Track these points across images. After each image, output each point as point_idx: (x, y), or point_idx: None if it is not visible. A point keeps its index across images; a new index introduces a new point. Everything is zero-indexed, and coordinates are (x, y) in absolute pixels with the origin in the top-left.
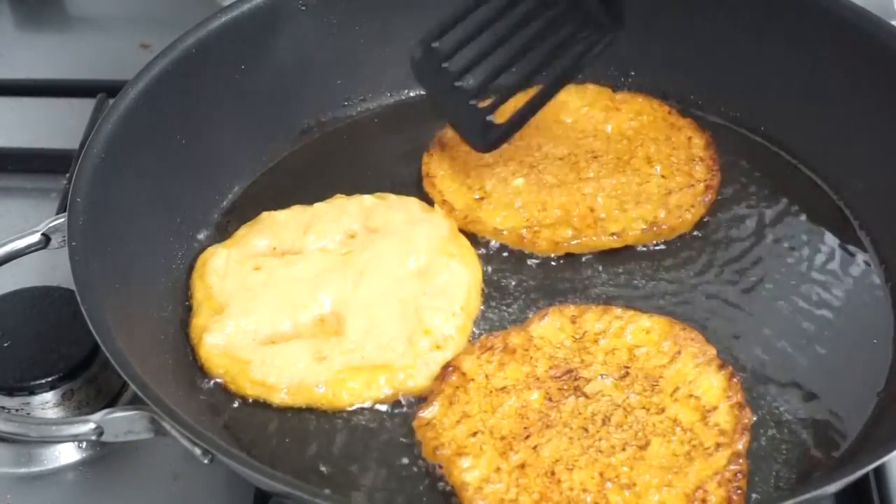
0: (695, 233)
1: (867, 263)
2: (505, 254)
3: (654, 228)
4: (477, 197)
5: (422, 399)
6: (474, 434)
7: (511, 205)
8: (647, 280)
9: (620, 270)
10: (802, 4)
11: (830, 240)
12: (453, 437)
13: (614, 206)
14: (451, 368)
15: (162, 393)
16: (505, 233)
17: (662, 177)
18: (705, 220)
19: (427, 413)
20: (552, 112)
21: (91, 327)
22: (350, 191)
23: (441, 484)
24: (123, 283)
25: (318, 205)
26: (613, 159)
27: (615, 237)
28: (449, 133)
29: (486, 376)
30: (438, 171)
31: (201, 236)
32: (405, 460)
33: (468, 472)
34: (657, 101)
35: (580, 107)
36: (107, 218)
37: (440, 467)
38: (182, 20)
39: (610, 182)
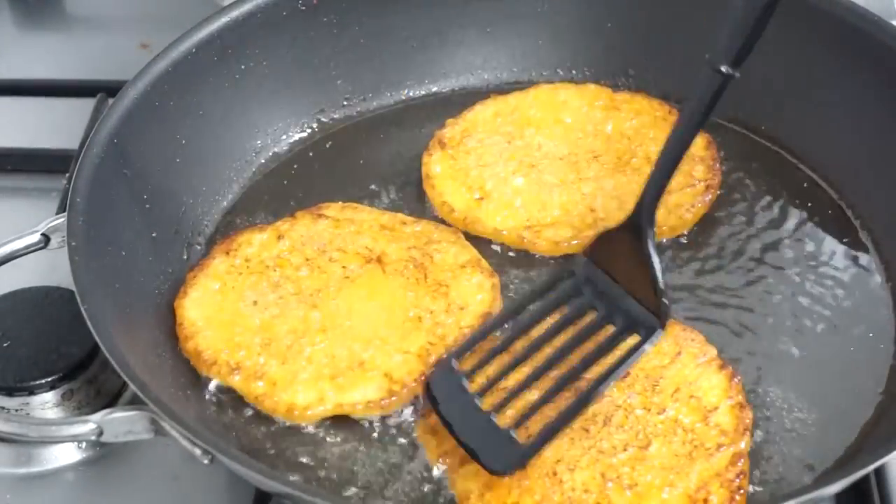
0: (695, 233)
1: (868, 263)
2: (505, 254)
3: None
4: (477, 197)
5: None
6: None
7: (511, 205)
8: None
9: None
10: (803, 5)
11: (831, 240)
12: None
13: (614, 206)
14: None
15: (162, 393)
16: (505, 233)
17: None
18: (705, 219)
19: (431, 419)
20: (552, 112)
21: (91, 327)
22: (350, 191)
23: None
24: (123, 283)
25: None
26: (613, 159)
27: None
28: (448, 133)
29: None
30: (438, 171)
31: (201, 236)
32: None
33: (471, 479)
34: (657, 101)
35: (580, 106)
36: (107, 218)
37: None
38: (182, 20)
39: (610, 182)
